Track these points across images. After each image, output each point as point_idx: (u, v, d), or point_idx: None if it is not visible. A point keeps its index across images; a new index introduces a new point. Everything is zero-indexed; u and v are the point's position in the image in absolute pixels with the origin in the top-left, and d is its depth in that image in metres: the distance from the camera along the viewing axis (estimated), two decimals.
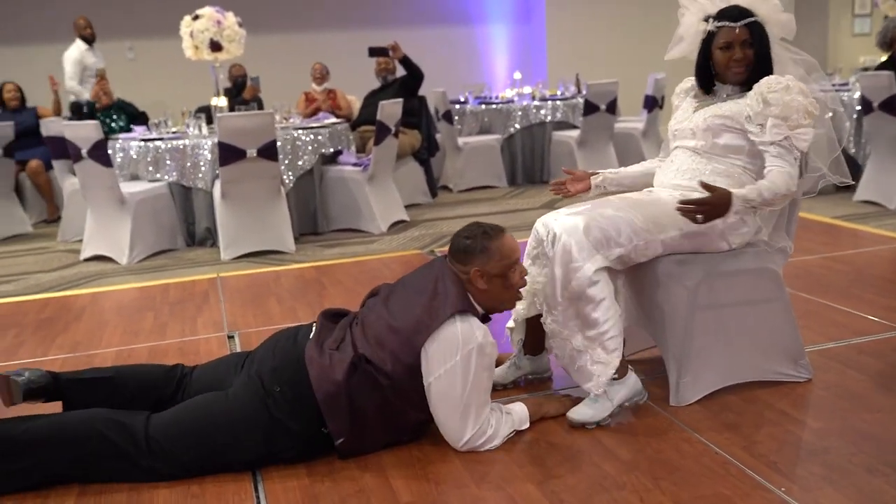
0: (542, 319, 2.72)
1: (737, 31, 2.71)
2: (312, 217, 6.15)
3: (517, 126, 7.95)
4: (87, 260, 5.61)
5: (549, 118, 7.93)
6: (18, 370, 2.55)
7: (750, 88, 2.69)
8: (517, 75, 9.03)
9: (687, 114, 2.87)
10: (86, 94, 7.56)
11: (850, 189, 6.32)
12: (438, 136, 7.93)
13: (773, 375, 2.84)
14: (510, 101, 8.14)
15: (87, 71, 7.71)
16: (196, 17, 6.33)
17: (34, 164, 7.18)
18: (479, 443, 2.46)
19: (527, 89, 8.53)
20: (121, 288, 4.82)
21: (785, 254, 2.84)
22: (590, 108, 7.46)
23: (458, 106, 8.14)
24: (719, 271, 2.72)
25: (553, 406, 2.69)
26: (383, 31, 9.05)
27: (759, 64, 2.72)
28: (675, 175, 2.82)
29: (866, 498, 2.12)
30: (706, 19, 2.78)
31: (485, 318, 2.53)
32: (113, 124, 6.86)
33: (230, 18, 6.38)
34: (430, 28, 10.81)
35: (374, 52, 6.99)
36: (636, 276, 2.84)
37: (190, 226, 5.96)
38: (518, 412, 2.60)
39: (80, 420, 2.39)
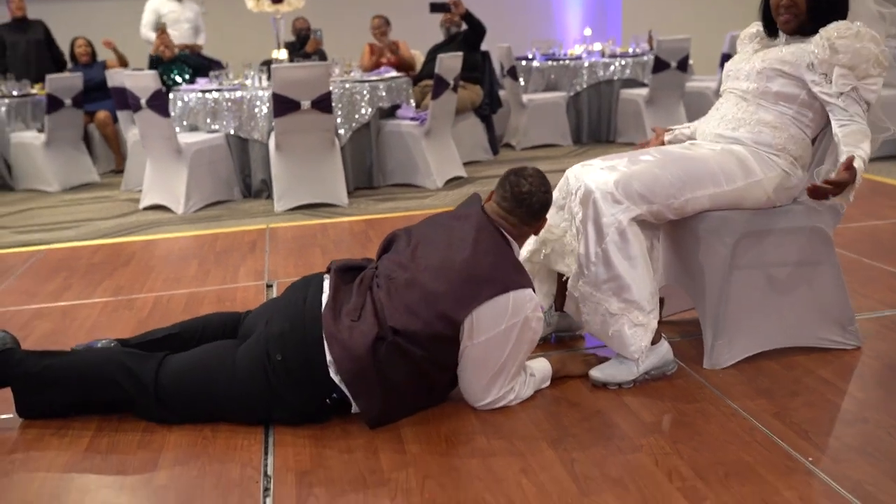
0: (569, 283, 2.59)
1: None
2: (368, 171, 6.11)
3: (584, 83, 7.73)
4: (146, 209, 5.70)
5: (616, 76, 7.68)
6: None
7: (815, 33, 2.50)
8: (587, 31, 8.76)
9: (745, 56, 2.70)
10: (153, 39, 7.63)
11: None
12: (502, 93, 7.79)
13: (818, 342, 2.68)
14: (578, 57, 7.91)
15: (163, 20, 7.74)
16: None
17: (102, 115, 7.31)
18: (499, 405, 2.38)
19: (597, 46, 8.27)
20: (171, 236, 4.88)
21: (836, 213, 2.65)
22: (660, 65, 7.19)
23: (523, 63, 7.95)
24: (762, 229, 2.56)
25: (577, 365, 2.58)
26: None
27: (813, 12, 2.51)
28: (718, 124, 2.66)
29: None
30: None
31: None
32: (177, 77, 6.93)
33: None
34: None
35: (435, 7, 6.86)
36: (675, 232, 2.70)
37: (246, 177, 5.99)
38: (541, 370, 2.51)
39: (94, 363, 2.39)
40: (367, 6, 9.43)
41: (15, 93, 7.13)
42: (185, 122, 6.06)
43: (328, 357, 2.24)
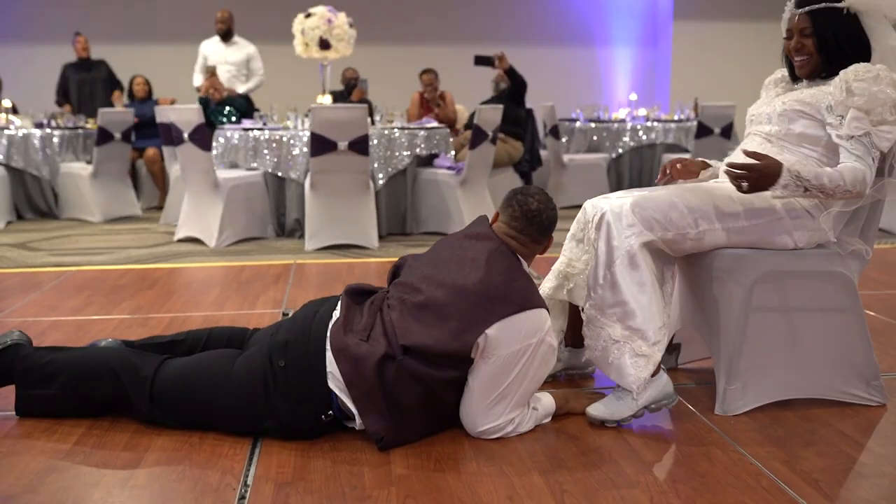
0: (580, 307, 2.52)
1: (796, 18, 2.48)
2: (402, 217, 6.12)
3: (626, 146, 7.70)
4: (179, 241, 5.76)
5: (659, 140, 7.65)
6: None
7: (835, 75, 2.44)
8: (633, 96, 8.78)
9: (768, 100, 2.65)
10: (198, 82, 7.82)
11: None
12: (544, 153, 7.80)
13: (839, 395, 2.54)
14: (622, 120, 7.90)
15: (209, 62, 7.93)
16: (308, 16, 6.46)
17: (151, 151, 7.48)
18: (496, 435, 2.28)
19: (641, 111, 8.27)
20: (198, 265, 4.91)
21: (861, 259, 2.55)
22: (703, 130, 7.14)
23: (567, 123, 7.97)
24: (780, 271, 2.46)
25: (581, 403, 2.48)
26: (501, 48, 9.03)
27: (827, 55, 2.46)
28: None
29: None
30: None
31: None
32: (224, 118, 7.08)
33: (341, 18, 6.47)
34: (550, 47, 10.73)
35: (479, 60, 6.95)
36: (690, 271, 2.62)
37: (281, 216, 6.03)
38: (544, 405, 2.41)
39: (97, 356, 2.40)
40: (416, 57, 9.61)
41: (70, 125, 7.35)
42: (225, 160, 6.16)
43: (329, 368, 2.20)
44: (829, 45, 2.45)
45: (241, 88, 7.75)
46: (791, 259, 2.48)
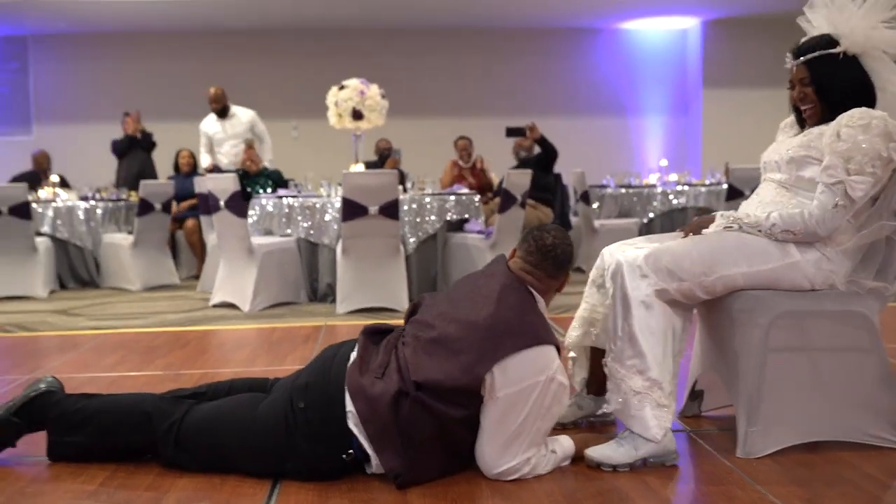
0: (602, 360, 2.53)
1: (795, 69, 2.54)
2: (432, 281, 6.18)
3: (657, 210, 7.74)
4: (215, 306, 5.87)
5: (690, 203, 7.68)
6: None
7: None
8: (663, 162, 8.85)
9: (778, 145, 2.69)
10: (206, 162, 8.11)
11: None
12: (575, 219, 7.86)
13: (864, 437, 2.50)
14: (652, 185, 7.96)
15: (212, 140, 8.15)
16: (342, 88, 6.67)
17: (190, 223, 7.68)
18: (513, 477, 2.27)
19: (672, 177, 8.32)
20: (231, 328, 4.99)
21: (881, 298, 2.53)
22: (733, 192, 7.16)
23: (598, 190, 8.04)
24: (798, 311, 2.46)
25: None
26: (534, 119, 9.21)
27: (829, 102, 2.49)
28: (756, 207, 2.61)
29: None
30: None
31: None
32: (260, 189, 7.27)
33: (373, 90, 6.67)
34: (582, 117, 10.90)
35: (511, 132, 7.12)
36: (710, 315, 2.63)
37: (314, 281, 6.13)
38: (563, 447, 2.41)
39: (128, 400, 2.48)
40: (449, 129, 9.82)
41: (113, 197, 7.60)
42: (260, 227, 6.32)
43: (349, 408, 2.24)
44: (829, 92, 2.49)
45: (265, 161, 7.89)
46: (809, 299, 2.48)
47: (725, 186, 7.39)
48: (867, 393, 2.50)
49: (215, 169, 7.81)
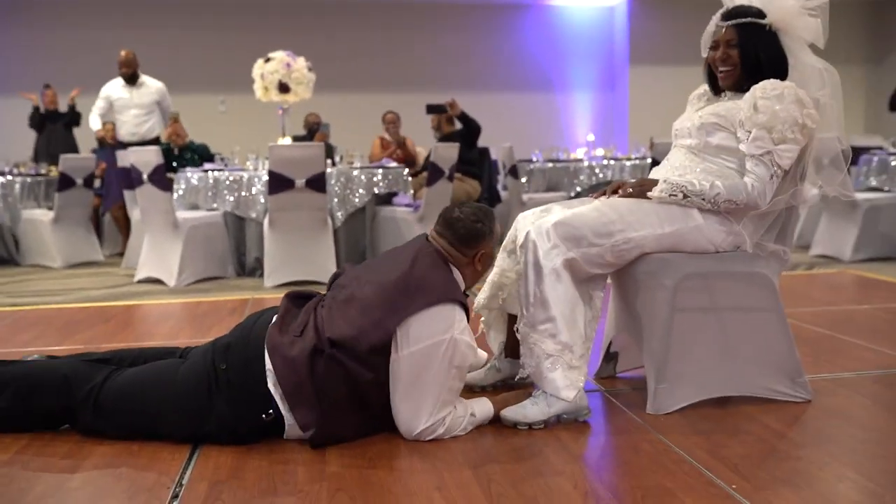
0: (514, 326, 2.60)
1: (724, 30, 2.63)
2: (361, 255, 6.20)
3: (583, 184, 7.87)
4: (139, 281, 5.79)
5: (615, 177, 7.83)
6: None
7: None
8: (590, 137, 8.99)
9: (690, 113, 2.78)
10: (95, 126, 7.70)
11: None
12: (504, 193, 7.95)
13: (766, 392, 2.63)
14: (579, 160, 8.10)
15: (113, 106, 7.60)
16: (268, 60, 6.60)
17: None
18: (430, 437, 2.33)
19: (599, 151, 8.47)
20: (155, 302, 4.94)
21: (780, 260, 2.66)
22: (656, 165, 7.31)
23: (526, 164, 8.15)
24: (702, 272, 2.57)
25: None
26: (463, 94, 9.26)
27: (749, 67, 2.61)
28: (666, 172, 2.72)
29: (824, 501, 1.91)
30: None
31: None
32: (186, 165, 7.17)
33: (300, 62, 6.61)
34: (511, 93, 10.97)
35: (431, 108, 7.14)
36: (620, 278, 2.71)
37: (241, 256, 6.09)
38: (482, 410, 2.47)
39: (49, 366, 2.45)
40: (378, 104, 9.80)
41: (31, 172, 7.40)
42: (186, 202, 6.24)
43: (268, 367, 2.28)
44: (751, 59, 2.59)
45: (157, 131, 7.59)
46: (712, 261, 2.58)
47: (649, 160, 7.55)
48: (768, 350, 2.63)
49: (116, 143, 7.53)
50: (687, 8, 10.68)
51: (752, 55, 2.60)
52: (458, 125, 7.21)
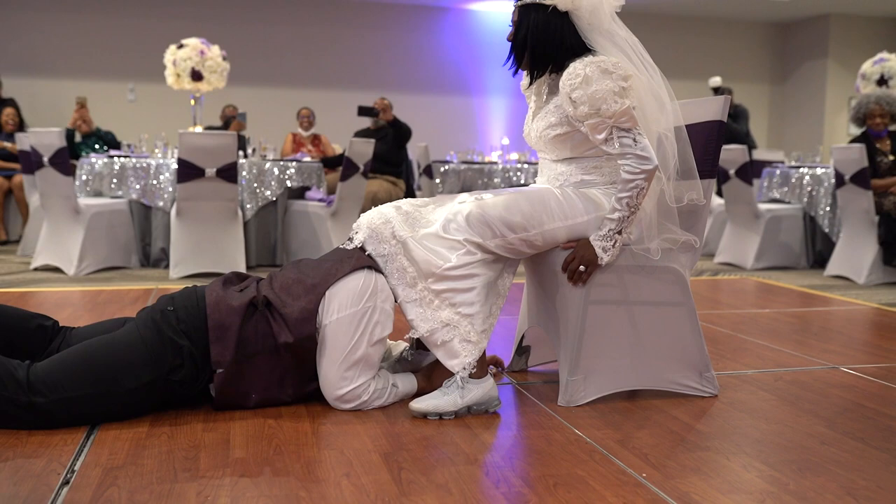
0: (420, 286, 2.45)
1: (513, 9, 2.60)
2: (272, 249, 6.06)
3: (497, 187, 7.90)
4: (36, 269, 5.52)
5: (529, 181, 7.89)
6: None
7: (555, 73, 2.58)
8: (505, 141, 9.05)
9: (532, 122, 2.69)
10: None
11: (822, 265, 6.21)
12: (419, 193, 7.92)
13: (675, 387, 2.66)
14: (493, 163, 8.13)
15: None
16: (181, 47, 6.41)
17: (18, 178, 7.18)
18: (352, 405, 2.41)
19: (514, 155, 8.53)
20: (53, 289, 4.71)
21: (692, 252, 2.69)
22: None
23: (441, 165, 8.14)
24: (616, 265, 2.57)
25: (444, 379, 2.51)
26: (379, 94, 9.20)
27: (518, 48, 2.56)
28: (549, 183, 2.67)
29: (732, 488, 1.93)
30: None
31: None
32: (91, 152, 6.89)
33: (214, 50, 6.45)
34: (426, 95, 10.97)
35: (363, 111, 7.06)
36: (536, 269, 2.71)
37: (146, 246, 5.88)
38: (406, 384, 2.53)
39: None
40: (293, 100, 9.66)
41: None
42: (88, 188, 5.99)
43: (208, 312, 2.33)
44: (519, 39, 2.55)
45: None
46: (625, 255, 2.59)
47: None
48: (678, 344, 2.66)
49: None
50: None
51: (520, 36, 2.55)
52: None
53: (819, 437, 2.31)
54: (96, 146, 7.12)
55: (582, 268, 2.49)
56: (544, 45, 2.53)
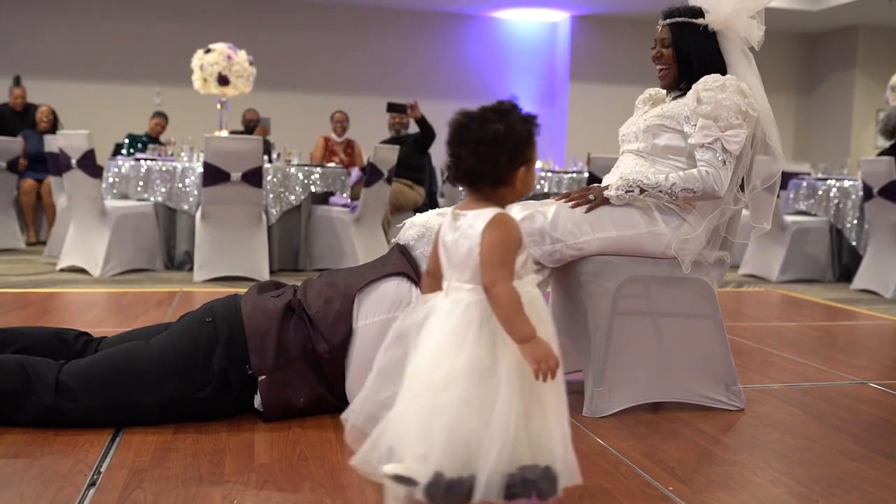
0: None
1: (659, 28, 2.65)
2: (295, 253, 6.08)
3: None
4: (62, 270, 5.57)
5: (553, 189, 7.87)
6: None
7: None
8: None
9: (636, 118, 2.78)
10: None
11: (848, 278, 6.14)
12: (442, 201, 7.92)
13: (702, 399, 2.64)
14: None
15: None
16: (208, 51, 6.45)
17: (47, 182, 7.25)
18: None
19: (537, 164, 8.51)
20: (78, 290, 4.75)
21: (721, 267, 2.67)
22: (593, 181, 7.38)
23: None
24: (644, 276, 2.56)
25: None
26: (405, 101, 9.22)
27: (682, 67, 2.63)
28: (618, 180, 2.68)
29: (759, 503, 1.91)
30: None
31: None
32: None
33: (241, 55, 6.48)
34: (450, 102, 10.95)
35: (392, 107, 7.10)
36: (562, 279, 2.69)
37: (171, 248, 5.92)
38: None
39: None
40: (319, 105, 9.69)
41: None
42: (115, 191, 6.04)
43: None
44: (684, 57, 2.62)
45: None
46: (654, 266, 2.58)
47: (587, 174, 7.62)
48: (705, 357, 2.63)
49: None
50: (627, 28, 10.91)
51: (685, 54, 2.62)
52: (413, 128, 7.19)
53: (848, 453, 2.28)
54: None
55: (591, 196, 2.52)
56: (705, 63, 2.60)
